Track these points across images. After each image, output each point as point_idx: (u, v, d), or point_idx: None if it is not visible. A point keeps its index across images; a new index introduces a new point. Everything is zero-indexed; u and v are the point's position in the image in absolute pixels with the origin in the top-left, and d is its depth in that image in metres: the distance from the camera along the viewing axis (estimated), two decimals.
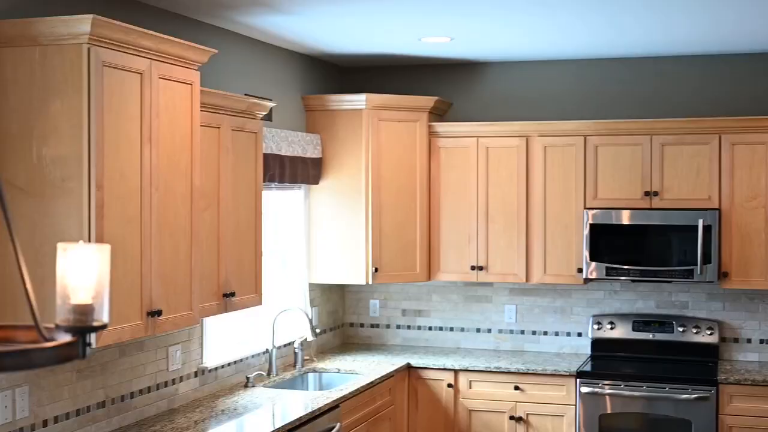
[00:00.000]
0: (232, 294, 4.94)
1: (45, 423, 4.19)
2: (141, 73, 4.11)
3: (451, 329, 7.12)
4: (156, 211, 4.20)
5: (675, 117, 6.50)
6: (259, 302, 5.26)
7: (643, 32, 5.78)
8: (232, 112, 5.01)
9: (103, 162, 3.87)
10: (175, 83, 4.35)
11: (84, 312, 1.96)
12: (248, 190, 5.16)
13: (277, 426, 4.75)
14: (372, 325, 7.29)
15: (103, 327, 2.01)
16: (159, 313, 4.20)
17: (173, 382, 5.13)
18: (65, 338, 1.93)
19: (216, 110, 4.85)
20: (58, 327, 1.96)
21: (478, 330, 7.06)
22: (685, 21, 5.43)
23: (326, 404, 5.24)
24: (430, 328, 7.17)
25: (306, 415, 4.99)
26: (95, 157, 3.82)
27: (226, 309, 4.91)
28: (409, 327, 7.21)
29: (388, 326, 7.26)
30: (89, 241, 3.83)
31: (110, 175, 3.92)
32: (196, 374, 5.33)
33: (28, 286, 1.98)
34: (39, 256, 3.87)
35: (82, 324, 1.96)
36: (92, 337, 3.74)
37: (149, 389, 4.92)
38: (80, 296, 1.96)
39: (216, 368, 5.52)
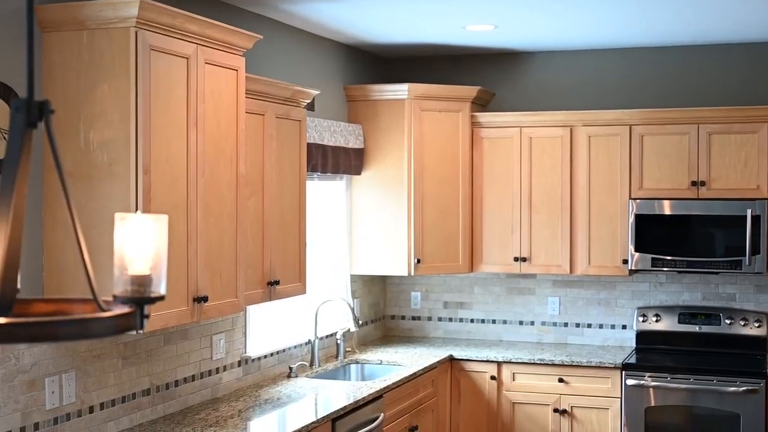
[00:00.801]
0: (277, 282, 4.91)
1: (91, 409, 4.18)
2: (187, 58, 4.09)
3: (494, 322, 7.06)
4: (202, 197, 4.18)
5: (722, 105, 6.39)
6: (303, 291, 5.23)
7: (689, 21, 5.69)
8: (277, 100, 4.98)
9: (150, 146, 3.86)
10: (221, 69, 4.33)
11: (142, 283, 1.93)
12: (292, 179, 5.13)
13: (320, 415, 4.72)
14: (413, 318, 7.24)
15: (161, 298, 1.98)
16: (205, 299, 4.18)
17: (217, 371, 5.11)
18: (123, 309, 1.89)
19: (261, 97, 4.82)
20: (115, 299, 1.93)
21: (520, 322, 6.99)
22: (731, 9, 5.33)
23: (370, 394, 5.20)
24: (472, 321, 7.11)
25: (350, 404, 4.96)
26: (142, 141, 3.81)
27: (270, 297, 4.88)
28: (450, 319, 7.16)
29: (429, 318, 7.21)
30: None
31: (157, 160, 3.90)
32: (239, 363, 5.31)
33: (86, 257, 1.95)
34: (86, 239, 3.85)
35: (140, 295, 1.92)
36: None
37: (193, 378, 4.90)
38: (138, 267, 1.93)
39: (259, 358, 5.50)
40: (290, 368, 5.66)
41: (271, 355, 5.64)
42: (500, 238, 6.66)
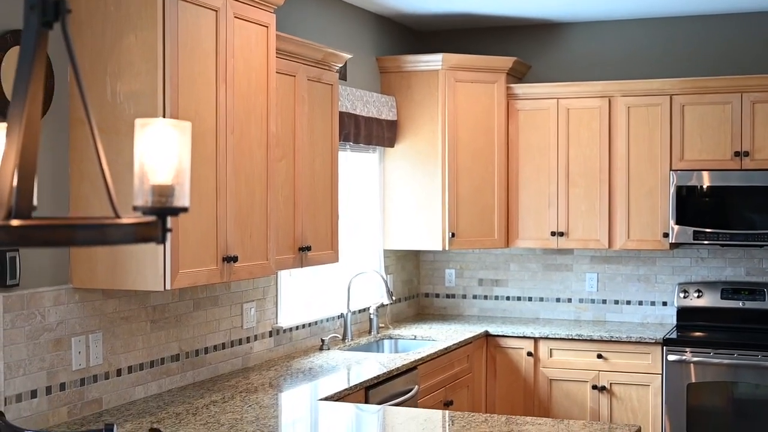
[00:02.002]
0: (308, 248, 4.79)
1: (119, 372, 4.09)
2: (216, 11, 3.98)
3: (530, 299, 6.90)
4: (231, 154, 4.08)
5: (766, 73, 6.20)
6: (336, 259, 5.11)
7: None
8: (308, 61, 4.87)
9: (177, 99, 3.75)
10: (251, 24, 4.22)
11: (164, 193, 1.82)
12: (324, 143, 5.02)
13: (353, 383, 4.59)
14: (448, 296, 7.10)
15: (184, 210, 1.87)
16: (235, 259, 4.07)
17: (248, 340, 5.00)
18: (144, 219, 1.78)
19: (292, 58, 4.71)
20: (136, 210, 1.81)
21: (557, 300, 6.83)
22: None
23: (404, 365, 5.07)
24: (507, 298, 6.96)
25: (383, 374, 4.83)
26: (170, 94, 3.71)
27: (302, 263, 4.77)
28: (486, 297, 7.01)
29: (464, 296, 7.06)
30: None
31: (185, 114, 3.80)
32: (270, 334, 5.20)
33: (104, 163, 1.83)
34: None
35: (162, 205, 1.81)
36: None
37: (223, 346, 4.80)
38: (160, 177, 1.81)
39: (290, 329, 5.39)
40: (322, 340, 5.55)
41: (303, 327, 5.52)
42: (536, 212, 6.51)
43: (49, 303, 3.72)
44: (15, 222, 1.63)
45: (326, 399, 4.27)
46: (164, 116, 3.71)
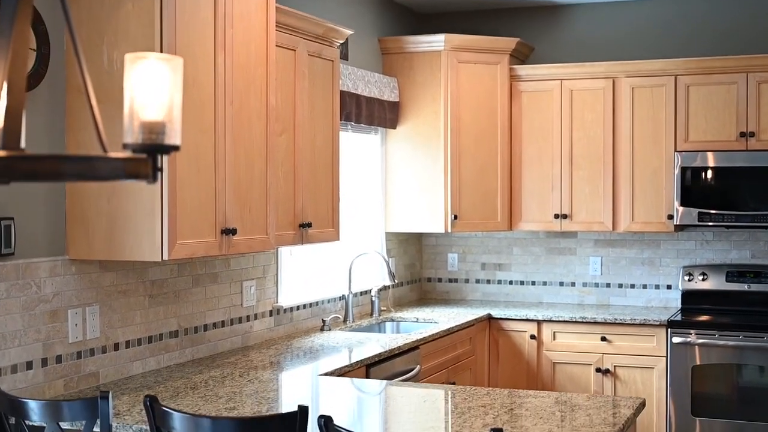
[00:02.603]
0: (309, 225, 4.73)
1: (116, 346, 4.03)
2: None
3: (533, 283, 6.84)
4: (230, 125, 4.02)
5: None
6: (337, 237, 5.05)
7: None
8: (309, 36, 4.81)
9: None
10: None
11: (154, 130, 1.76)
12: (325, 120, 4.96)
13: (354, 360, 4.54)
14: (450, 280, 7.04)
15: (176, 148, 1.81)
16: (234, 231, 4.02)
17: (247, 318, 4.95)
18: (134, 155, 1.72)
19: (292, 32, 4.65)
20: (125, 147, 1.75)
21: (561, 284, 6.77)
22: None
23: (406, 344, 5.01)
24: (510, 283, 6.90)
25: (384, 352, 4.77)
26: None
27: (302, 240, 4.71)
28: (488, 281, 6.96)
29: (467, 281, 7.01)
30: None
31: (183, 82, 3.73)
32: (270, 313, 5.15)
33: (92, 100, 1.77)
34: None
35: (152, 142, 1.75)
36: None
37: (223, 323, 4.74)
38: (150, 113, 1.75)
39: (291, 309, 5.33)
40: (323, 321, 5.49)
41: (304, 307, 5.47)
42: (540, 194, 6.45)
43: (44, 274, 3.67)
44: (1, 153, 1.58)
45: (326, 375, 4.21)
46: None
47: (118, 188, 3.71)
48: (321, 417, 2.72)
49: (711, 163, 6.00)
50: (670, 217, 6.11)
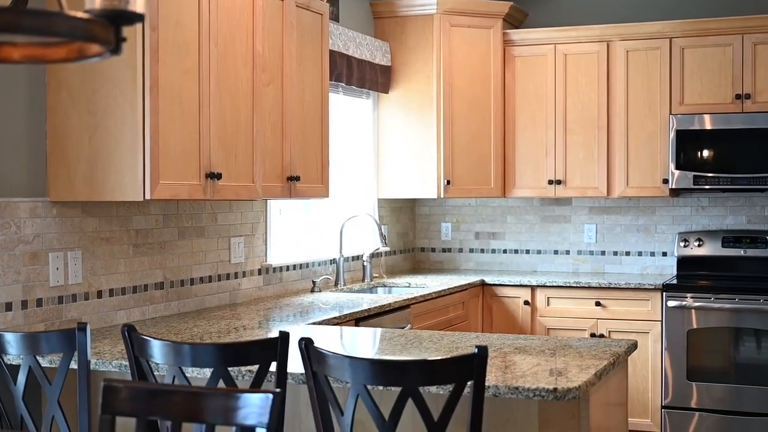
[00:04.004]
0: (297, 178, 4.65)
1: (99, 294, 3.96)
2: None
3: (527, 252, 6.77)
4: (215, 68, 3.95)
5: (767, 13, 6.06)
6: (326, 194, 4.98)
7: None
8: None
9: (157, 5, 3.63)
10: None
11: None
12: (314, 75, 4.88)
13: (344, 312, 4.47)
14: (444, 250, 6.97)
15: (140, 18, 1.74)
16: (218, 176, 3.95)
17: (235, 275, 4.87)
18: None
19: None
20: (87, 13, 1.68)
21: (555, 252, 6.70)
22: None
23: (396, 302, 4.94)
24: (504, 251, 6.83)
25: (374, 308, 4.70)
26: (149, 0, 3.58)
27: (290, 194, 4.64)
28: (482, 251, 6.88)
29: (460, 250, 6.93)
30: (144, 87, 3.59)
31: (165, 20, 3.68)
32: (259, 272, 5.08)
33: None
34: (91, 104, 3.65)
35: (115, 7, 1.68)
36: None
37: (210, 278, 4.67)
38: None
39: (281, 268, 5.26)
40: (313, 282, 5.42)
41: (294, 268, 5.40)
42: (534, 160, 6.38)
43: (24, 214, 3.60)
44: None
45: (314, 324, 4.14)
46: (143, 24, 3.58)
47: (99, 127, 3.65)
48: (302, 339, 2.66)
49: (706, 125, 5.93)
50: (665, 181, 6.04)
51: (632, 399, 5.82)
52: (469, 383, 2.52)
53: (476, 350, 2.49)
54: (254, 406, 2.07)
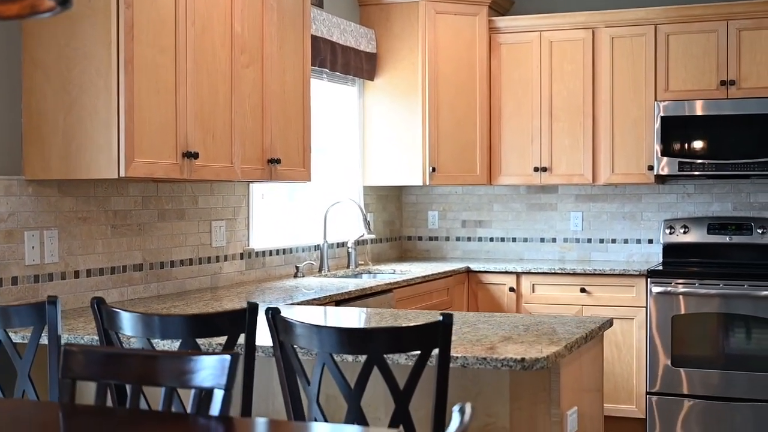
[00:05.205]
0: (278, 161, 4.64)
1: (76, 274, 3.95)
2: None
3: (514, 240, 6.77)
4: (192, 47, 3.94)
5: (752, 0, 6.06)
6: (308, 178, 4.97)
7: None
8: None
9: None
10: None
11: None
12: (295, 58, 4.87)
13: (324, 295, 4.46)
14: (430, 238, 6.96)
15: None
16: (195, 155, 3.94)
17: (217, 259, 4.87)
18: None
19: None
20: None
21: (542, 240, 6.70)
22: None
23: (378, 285, 4.93)
24: (491, 240, 6.83)
25: (356, 290, 4.69)
26: None
27: (271, 176, 4.62)
28: (469, 239, 6.88)
29: (447, 238, 6.93)
30: (118, 65, 3.58)
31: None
32: (241, 256, 5.07)
33: None
34: (66, 82, 3.64)
35: None
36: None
37: (191, 261, 4.66)
38: None
39: (263, 253, 5.25)
40: (297, 267, 5.42)
41: (277, 253, 5.39)
42: (519, 148, 6.37)
43: None
44: None
45: (294, 304, 4.13)
46: (118, 3, 3.58)
47: (74, 105, 3.64)
48: (268, 309, 2.65)
49: (691, 112, 5.93)
50: (651, 167, 6.04)
51: (617, 386, 5.82)
52: (434, 351, 2.51)
53: (441, 318, 2.48)
54: (212, 368, 2.06)
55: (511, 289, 6.08)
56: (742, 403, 5.55)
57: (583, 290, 5.93)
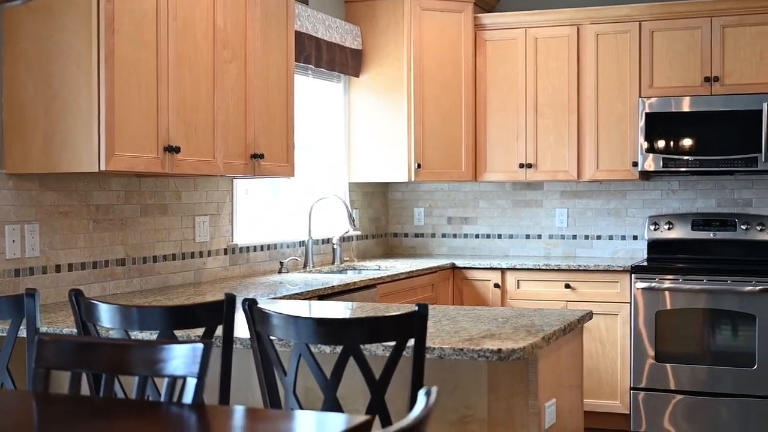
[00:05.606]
0: (261, 156, 4.64)
1: (58, 268, 3.95)
2: None
3: (499, 236, 6.78)
4: (174, 41, 3.95)
5: None
6: (291, 173, 4.97)
7: None
8: None
9: None
10: None
11: None
12: (279, 53, 4.87)
13: (307, 290, 4.46)
14: (416, 235, 6.97)
15: None
16: (177, 150, 3.94)
17: (200, 254, 4.87)
18: None
19: None
20: None
21: (527, 236, 6.71)
22: None
23: (362, 281, 4.94)
24: (477, 236, 6.84)
25: (339, 285, 4.70)
26: None
27: (254, 171, 4.63)
28: (455, 236, 6.89)
29: (433, 235, 6.94)
30: (99, 59, 3.58)
31: None
32: (225, 251, 5.07)
33: None
34: (47, 75, 3.64)
35: None
36: None
37: (174, 257, 4.66)
38: None
39: (247, 248, 5.25)
40: (281, 263, 5.42)
41: (261, 249, 5.39)
42: (505, 144, 6.38)
43: None
44: None
45: (276, 299, 4.13)
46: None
47: (55, 99, 3.64)
48: (245, 300, 2.65)
49: (675, 108, 5.95)
50: (635, 164, 6.05)
51: (601, 381, 5.84)
52: (410, 341, 2.52)
53: (417, 308, 2.49)
54: (184, 357, 2.07)
55: (496, 285, 6.09)
56: (728, 398, 5.57)
57: (567, 286, 5.95)
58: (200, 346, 2.04)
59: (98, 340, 2.27)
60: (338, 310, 3.78)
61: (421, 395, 1.54)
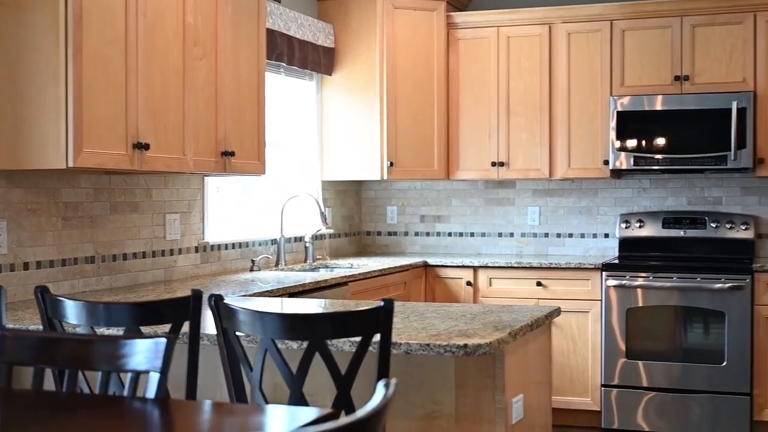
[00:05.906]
0: (232, 154, 4.64)
1: (26, 265, 3.93)
2: None
3: (472, 234, 6.80)
4: (143, 38, 3.93)
5: None
6: (262, 171, 4.96)
7: None
8: None
9: None
10: None
11: None
12: (250, 51, 4.86)
13: (278, 287, 4.46)
14: (389, 233, 6.98)
15: None
16: (146, 147, 3.93)
17: (171, 252, 4.85)
18: None
19: None
20: None
21: (500, 234, 6.73)
22: None
23: (333, 278, 4.94)
24: (449, 234, 6.85)
25: (310, 283, 4.70)
26: None
27: (225, 169, 4.62)
28: (428, 234, 6.90)
29: (406, 233, 6.95)
30: (67, 54, 3.57)
31: None
32: (196, 249, 5.06)
33: None
34: (15, 72, 3.62)
35: None
36: None
37: (144, 254, 4.64)
38: None
39: (219, 246, 5.24)
40: (252, 261, 5.41)
41: (233, 246, 5.38)
42: (477, 143, 6.40)
43: None
44: None
45: (245, 296, 4.13)
46: None
47: (23, 95, 3.62)
48: (212, 296, 2.65)
49: (646, 107, 5.98)
50: (606, 162, 6.08)
51: (573, 379, 5.87)
52: (376, 337, 2.52)
53: (382, 303, 2.50)
54: (146, 352, 2.06)
55: (468, 283, 6.10)
56: (699, 394, 5.61)
57: (539, 284, 5.97)
58: (163, 341, 2.03)
59: (61, 336, 2.26)
60: (308, 307, 3.78)
61: (380, 386, 1.54)
